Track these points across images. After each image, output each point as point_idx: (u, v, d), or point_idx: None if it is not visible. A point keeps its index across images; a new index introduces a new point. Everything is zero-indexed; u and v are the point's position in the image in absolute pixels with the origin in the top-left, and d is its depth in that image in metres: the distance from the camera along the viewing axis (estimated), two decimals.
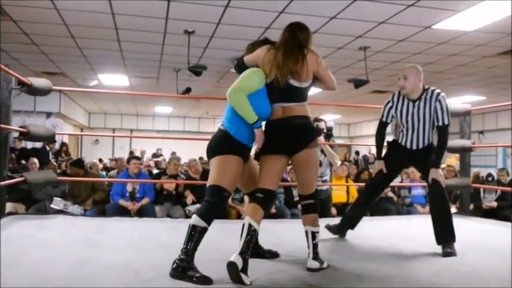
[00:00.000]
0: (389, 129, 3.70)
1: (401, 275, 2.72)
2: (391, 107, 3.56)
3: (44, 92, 4.45)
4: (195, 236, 2.52)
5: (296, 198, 6.91)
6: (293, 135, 2.72)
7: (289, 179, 7.59)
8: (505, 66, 7.62)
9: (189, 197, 6.30)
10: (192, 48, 6.71)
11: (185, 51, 6.74)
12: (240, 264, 2.38)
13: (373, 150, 14.19)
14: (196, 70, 6.94)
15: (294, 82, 2.70)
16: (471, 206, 6.87)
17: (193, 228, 2.54)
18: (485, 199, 7.18)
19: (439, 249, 3.33)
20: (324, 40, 6.33)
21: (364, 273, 2.73)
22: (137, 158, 6.79)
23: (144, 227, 4.23)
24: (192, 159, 7.28)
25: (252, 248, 2.98)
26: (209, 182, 2.68)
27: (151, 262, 2.84)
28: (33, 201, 6.32)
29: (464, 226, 4.65)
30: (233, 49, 6.98)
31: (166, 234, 3.94)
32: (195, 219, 2.56)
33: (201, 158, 9.44)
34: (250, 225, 2.53)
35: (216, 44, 6.76)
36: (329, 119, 15.65)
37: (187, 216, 6.11)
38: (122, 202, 5.99)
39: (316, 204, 2.88)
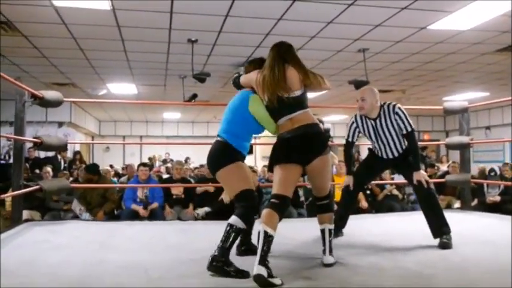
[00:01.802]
0: None
1: (396, 268, 2.85)
2: (356, 127, 3.81)
3: (55, 103, 4.68)
4: (231, 235, 2.71)
5: (302, 199, 7.08)
6: (306, 146, 2.80)
7: None
8: (504, 62, 7.71)
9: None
10: (196, 56, 6.91)
11: (189, 59, 6.94)
12: (265, 273, 2.44)
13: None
14: (201, 77, 7.14)
15: (287, 94, 2.82)
16: (475, 201, 6.97)
17: (230, 227, 2.73)
18: (489, 194, 7.27)
19: (435, 242, 3.48)
20: (323, 44, 6.50)
21: (362, 267, 2.88)
22: (145, 164, 6.99)
23: (154, 230, 4.41)
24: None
25: (245, 244, 3.17)
26: (236, 190, 2.86)
27: (161, 262, 3.01)
28: (47, 209, 6.57)
29: (465, 221, 4.77)
30: (235, 55, 7.17)
31: (175, 235, 4.12)
32: (234, 220, 2.74)
33: None
34: (266, 232, 2.57)
35: (219, 51, 6.96)
36: (334, 119, 15.72)
37: (196, 219, 6.32)
38: (134, 206, 6.20)
39: (331, 203, 3.04)
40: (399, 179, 9.05)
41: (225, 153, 2.92)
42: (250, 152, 3.26)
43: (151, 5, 5.02)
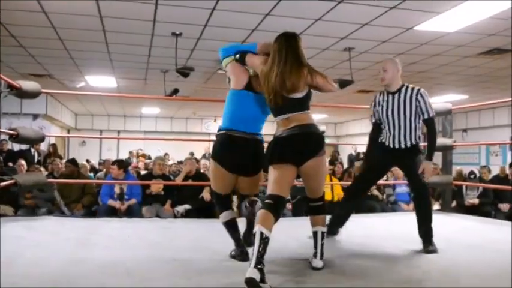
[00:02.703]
0: None
1: (386, 271, 2.83)
2: (374, 105, 3.66)
3: (32, 95, 4.49)
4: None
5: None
6: (300, 146, 2.72)
7: None
8: (486, 65, 7.79)
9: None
10: (180, 50, 6.77)
11: (173, 53, 6.80)
12: (257, 277, 2.32)
13: (359, 149, 14.33)
14: (184, 72, 7.00)
15: (289, 95, 2.73)
16: (454, 203, 7.02)
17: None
18: (468, 196, 7.32)
19: (420, 245, 3.45)
20: (309, 42, 6.42)
21: (350, 270, 2.84)
22: (113, 163, 6.67)
23: (133, 227, 4.30)
24: (187, 157, 7.33)
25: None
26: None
27: (142, 261, 2.91)
28: (20, 205, 6.32)
29: (446, 223, 4.78)
30: None
31: (155, 233, 4.02)
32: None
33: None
34: (261, 233, 2.47)
35: (204, 46, 6.83)
36: (315, 118, 15.83)
37: (176, 216, 6.18)
38: (110, 202, 6.05)
39: (324, 206, 2.95)
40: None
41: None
42: None
43: None
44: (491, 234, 4.20)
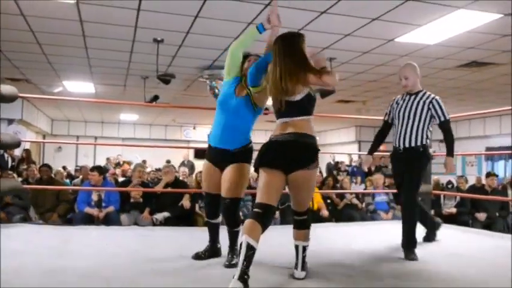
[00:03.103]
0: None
1: (371, 279, 2.83)
2: (391, 104, 3.77)
3: (9, 99, 4.37)
4: None
5: None
6: (292, 154, 2.63)
7: (256, 186, 7.66)
8: (464, 78, 7.95)
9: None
10: (161, 57, 6.72)
11: (154, 59, 6.74)
12: None
13: (337, 158, 14.38)
14: (165, 78, 6.95)
15: (287, 98, 2.66)
16: (432, 212, 7.10)
17: None
18: (445, 205, 7.43)
19: (400, 253, 3.48)
20: None
21: (334, 280, 2.82)
22: (93, 169, 6.55)
23: (112, 235, 4.21)
24: (165, 165, 7.26)
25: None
26: None
27: (122, 271, 2.84)
28: None
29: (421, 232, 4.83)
30: (202, 58, 7.03)
31: (135, 242, 3.94)
32: None
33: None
34: (248, 244, 2.38)
35: (185, 53, 6.79)
36: None
37: (155, 224, 6.09)
38: (87, 210, 5.92)
39: (308, 220, 2.87)
40: (359, 188, 9.21)
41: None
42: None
43: (118, 1, 4.82)
44: (471, 244, 4.25)
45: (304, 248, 2.86)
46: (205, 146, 3.24)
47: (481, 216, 7.12)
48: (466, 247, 4.02)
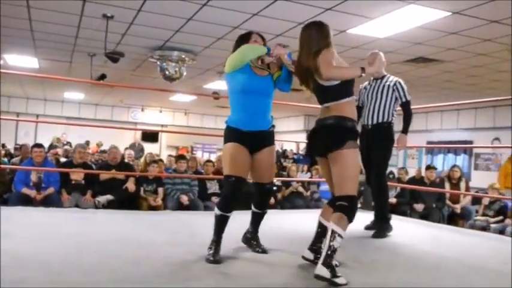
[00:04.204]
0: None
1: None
2: (360, 90, 4.19)
3: None
4: None
5: (210, 191, 6.97)
6: (317, 137, 2.72)
7: (203, 171, 7.63)
8: (410, 73, 8.18)
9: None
10: (110, 34, 6.47)
11: (102, 36, 6.48)
12: (327, 274, 2.35)
13: (286, 146, 14.54)
14: (114, 56, 6.72)
15: (320, 81, 2.72)
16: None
17: None
18: None
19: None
20: None
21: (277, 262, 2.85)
22: (40, 145, 6.30)
23: (52, 217, 4.06)
24: (112, 146, 7.06)
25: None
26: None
27: (63, 254, 2.75)
28: None
29: (367, 220, 4.96)
30: (153, 38, 6.84)
31: (76, 224, 3.82)
32: None
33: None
34: (333, 232, 2.43)
35: (136, 32, 6.58)
36: None
37: (97, 207, 5.92)
38: (25, 191, 5.66)
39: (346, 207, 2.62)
40: (305, 177, 9.35)
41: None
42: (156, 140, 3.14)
43: None
44: (409, 231, 4.43)
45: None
46: (154, 128, 3.15)
47: (419, 207, 7.42)
48: (410, 235, 4.17)
